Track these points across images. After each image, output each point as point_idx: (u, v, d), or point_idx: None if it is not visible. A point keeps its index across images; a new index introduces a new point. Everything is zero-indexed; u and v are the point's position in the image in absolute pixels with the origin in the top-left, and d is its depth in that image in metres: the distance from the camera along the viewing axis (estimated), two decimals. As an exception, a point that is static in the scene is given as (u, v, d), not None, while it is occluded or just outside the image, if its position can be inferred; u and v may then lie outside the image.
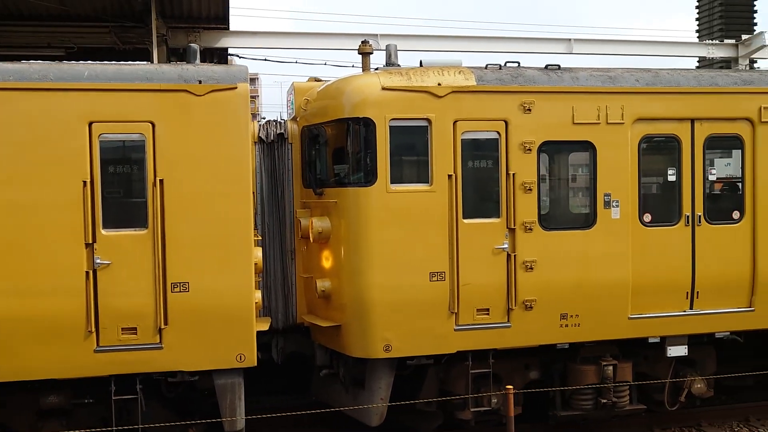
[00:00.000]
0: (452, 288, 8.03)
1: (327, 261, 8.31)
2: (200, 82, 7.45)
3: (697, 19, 26.21)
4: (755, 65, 21.23)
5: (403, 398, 8.36)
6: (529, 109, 8.17)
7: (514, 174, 8.15)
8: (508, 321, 8.22)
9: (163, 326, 7.32)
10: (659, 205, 8.72)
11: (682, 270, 8.65)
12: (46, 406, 7.59)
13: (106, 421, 7.56)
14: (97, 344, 7.23)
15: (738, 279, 8.81)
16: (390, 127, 7.88)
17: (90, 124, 7.22)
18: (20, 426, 7.71)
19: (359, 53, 8.72)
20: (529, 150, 8.19)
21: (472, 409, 8.40)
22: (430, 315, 8.01)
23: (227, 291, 7.44)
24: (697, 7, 26.36)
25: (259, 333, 7.75)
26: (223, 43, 15.09)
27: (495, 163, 8.19)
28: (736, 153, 8.86)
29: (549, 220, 8.33)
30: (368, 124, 7.88)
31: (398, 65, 8.69)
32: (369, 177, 7.90)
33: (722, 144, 8.82)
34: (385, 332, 7.94)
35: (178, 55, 14.68)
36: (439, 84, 8.00)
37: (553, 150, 8.38)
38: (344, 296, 8.09)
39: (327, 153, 8.61)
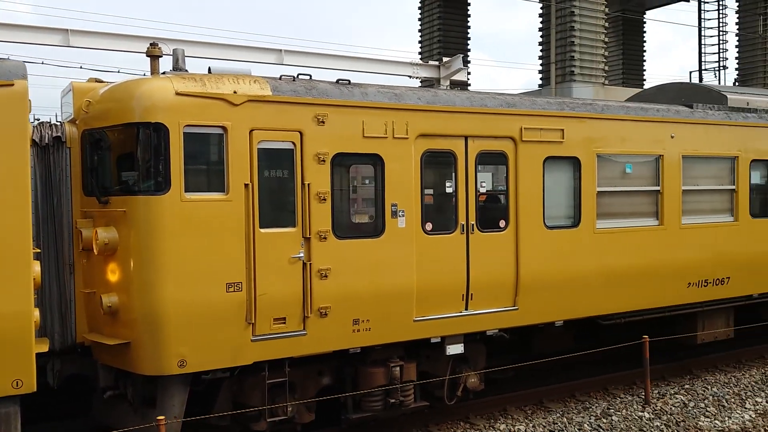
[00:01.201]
0: (249, 298, 7.97)
1: (114, 274, 7.80)
2: (-33, 76, 6.65)
3: (420, 42, 28.36)
4: (470, 87, 23.72)
5: (196, 414, 8.09)
6: (323, 122, 8.41)
7: (309, 184, 8.32)
8: (304, 329, 8.34)
9: None
10: (439, 214, 9.41)
11: (459, 274, 9.41)
12: None
13: None
14: None
15: (504, 281, 9.79)
16: (184, 133, 7.65)
17: None
18: None
19: (147, 56, 8.33)
20: (323, 161, 8.41)
21: (268, 420, 8.38)
22: (227, 327, 7.86)
23: (1, 310, 6.68)
24: (419, 31, 28.28)
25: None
26: None
27: (291, 173, 8.30)
28: (503, 168, 9.85)
29: (342, 229, 8.61)
30: (161, 130, 7.57)
31: (186, 70, 8.45)
32: (162, 185, 7.58)
33: (491, 160, 9.75)
34: (180, 347, 7.64)
35: None
36: (234, 92, 7.93)
37: (345, 161, 8.68)
38: (134, 311, 7.66)
39: (112, 159, 8.11)
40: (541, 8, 24.93)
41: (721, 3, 32.50)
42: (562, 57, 23.50)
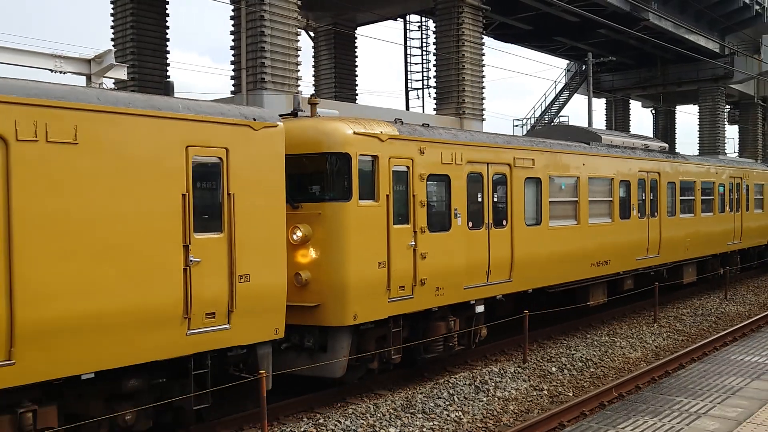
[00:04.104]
0: (389, 272, 11.65)
1: (305, 258, 11.08)
2: (254, 119, 9.71)
3: (112, 40, 26.61)
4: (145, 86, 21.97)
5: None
6: (423, 152, 12.35)
7: (415, 195, 12.20)
8: (412, 294, 12.19)
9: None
10: (475, 216, 13.72)
11: (484, 256, 13.80)
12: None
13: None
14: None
15: (505, 262, 14.36)
16: (359, 160, 11.20)
17: (186, 148, 8.91)
18: None
19: (309, 104, 11.68)
20: (423, 179, 12.35)
21: (393, 357, 12.08)
22: (377, 292, 11.49)
23: (270, 280, 9.81)
24: (112, 28, 26.66)
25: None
26: None
27: (406, 186, 12.12)
28: (504, 185, 14.43)
29: (431, 226, 12.57)
30: (347, 157, 11.06)
31: (303, 110, 11.90)
32: (347, 195, 11.08)
33: (500, 179, 14.28)
34: (355, 306, 11.15)
35: None
36: (381, 132, 11.62)
37: (433, 179, 12.67)
38: (324, 283, 11.02)
39: (303, 176, 11.39)
40: (232, 10, 22.80)
41: (423, 24, 33.66)
42: (253, 63, 21.79)
